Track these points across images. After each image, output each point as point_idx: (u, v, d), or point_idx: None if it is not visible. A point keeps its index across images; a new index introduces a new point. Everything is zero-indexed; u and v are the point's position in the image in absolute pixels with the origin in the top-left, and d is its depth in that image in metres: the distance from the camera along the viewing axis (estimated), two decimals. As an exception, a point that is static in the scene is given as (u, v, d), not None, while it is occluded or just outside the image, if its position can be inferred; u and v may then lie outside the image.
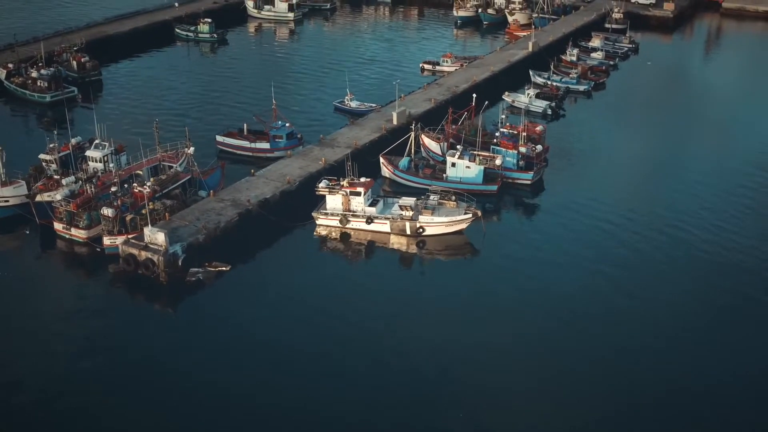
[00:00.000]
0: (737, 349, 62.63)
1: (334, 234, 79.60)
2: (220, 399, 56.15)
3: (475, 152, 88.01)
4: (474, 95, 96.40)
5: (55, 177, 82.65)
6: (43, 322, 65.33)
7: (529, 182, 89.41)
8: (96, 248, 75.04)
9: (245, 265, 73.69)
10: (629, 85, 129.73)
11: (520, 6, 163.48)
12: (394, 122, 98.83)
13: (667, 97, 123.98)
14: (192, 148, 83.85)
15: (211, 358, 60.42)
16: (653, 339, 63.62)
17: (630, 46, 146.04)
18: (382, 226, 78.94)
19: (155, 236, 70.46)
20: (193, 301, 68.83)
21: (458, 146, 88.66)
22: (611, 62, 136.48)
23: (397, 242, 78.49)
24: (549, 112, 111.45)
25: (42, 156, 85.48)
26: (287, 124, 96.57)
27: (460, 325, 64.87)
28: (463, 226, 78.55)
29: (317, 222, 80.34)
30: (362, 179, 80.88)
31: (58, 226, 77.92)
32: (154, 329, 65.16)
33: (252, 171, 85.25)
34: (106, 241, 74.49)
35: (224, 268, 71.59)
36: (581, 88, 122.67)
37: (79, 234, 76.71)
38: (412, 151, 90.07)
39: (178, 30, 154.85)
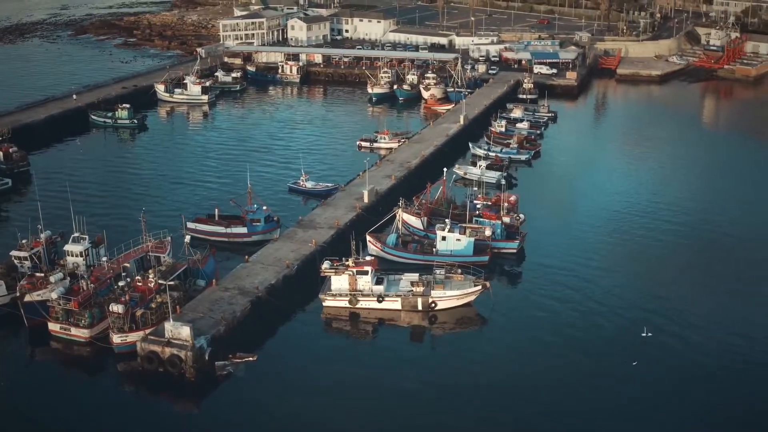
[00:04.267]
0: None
1: (343, 315, 78.28)
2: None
3: (464, 225, 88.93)
4: (444, 169, 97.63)
5: (38, 274, 78.02)
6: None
7: (514, 251, 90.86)
8: (104, 347, 70.85)
9: (267, 354, 71.40)
10: (559, 152, 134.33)
11: (435, 81, 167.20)
12: (365, 200, 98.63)
13: (593, 160, 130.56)
14: (188, 237, 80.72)
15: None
16: (685, 389, 66.34)
17: (549, 114, 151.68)
18: (393, 303, 78.27)
19: (178, 331, 67.26)
20: (231, 396, 65.68)
21: (447, 220, 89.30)
22: (538, 131, 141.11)
23: (408, 318, 77.97)
24: (503, 182, 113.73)
25: (14, 253, 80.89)
26: (264, 208, 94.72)
27: (491, 393, 66.17)
28: (473, 297, 78.94)
29: (324, 304, 78.82)
30: (367, 258, 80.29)
31: (53, 326, 73.22)
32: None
33: (246, 257, 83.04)
34: (116, 339, 70.45)
35: (251, 359, 68.98)
36: (522, 157, 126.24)
37: (81, 334, 72.31)
38: (400, 227, 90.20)
39: (93, 117, 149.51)
